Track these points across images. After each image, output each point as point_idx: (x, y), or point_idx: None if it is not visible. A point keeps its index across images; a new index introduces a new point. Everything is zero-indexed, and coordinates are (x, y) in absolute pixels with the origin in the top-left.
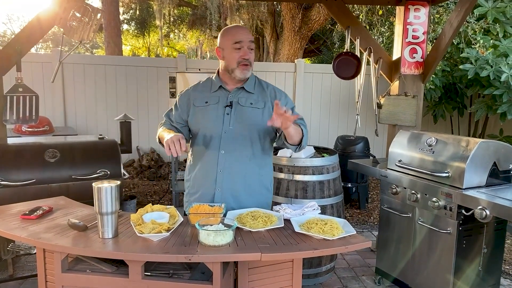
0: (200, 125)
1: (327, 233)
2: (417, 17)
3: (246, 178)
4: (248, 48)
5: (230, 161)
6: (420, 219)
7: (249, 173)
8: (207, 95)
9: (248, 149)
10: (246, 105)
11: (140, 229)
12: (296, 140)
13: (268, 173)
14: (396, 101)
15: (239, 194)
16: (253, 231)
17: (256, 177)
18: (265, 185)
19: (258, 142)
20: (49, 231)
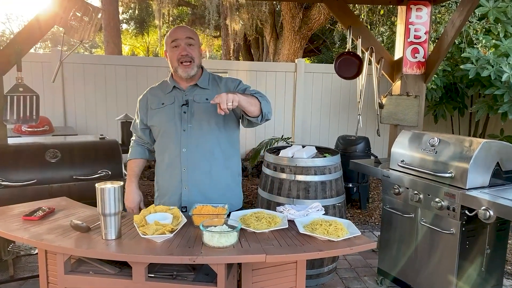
0: (159, 127)
1: (332, 234)
2: (419, 16)
3: (212, 173)
4: (186, 44)
5: (193, 158)
6: (422, 220)
7: (214, 167)
8: (162, 97)
9: (211, 143)
10: (202, 101)
11: (144, 230)
12: (254, 110)
13: (236, 162)
14: (398, 101)
15: (206, 190)
16: (257, 232)
17: (222, 170)
18: (233, 174)
19: (222, 133)
20: (51, 232)
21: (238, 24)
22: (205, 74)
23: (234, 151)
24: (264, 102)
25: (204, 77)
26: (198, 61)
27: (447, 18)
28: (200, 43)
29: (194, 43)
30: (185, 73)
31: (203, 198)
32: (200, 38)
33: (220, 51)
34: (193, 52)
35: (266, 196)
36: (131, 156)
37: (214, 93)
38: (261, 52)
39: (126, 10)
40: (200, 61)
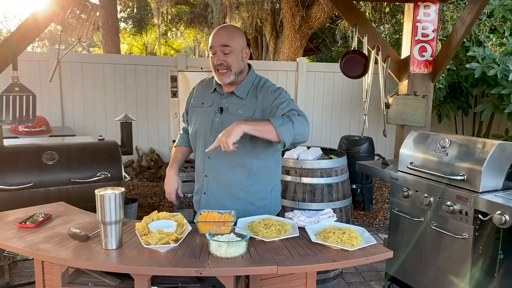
0: (194, 125)
1: (346, 243)
2: (427, 14)
3: (231, 187)
4: (222, 52)
5: (216, 167)
6: (433, 224)
7: (234, 182)
8: (204, 95)
9: (235, 159)
10: (235, 113)
11: (146, 239)
12: (270, 137)
13: (260, 185)
14: (405, 101)
15: (224, 201)
16: (267, 241)
17: (242, 187)
18: (254, 195)
19: (248, 151)
20: (48, 241)
21: (237, 23)
22: (247, 80)
23: (262, 173)
24: (284, 128)
25: (245, 85)
26: (237, 67)
27: (455, 16)
28: (242, 46)
29: (231, 50)
30: (220, 80)
31: (221, 208)
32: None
33: None
34: (229, 59)
35: None
36: (177, 143)
37: (250, 105)
38: (260, 51)
39: (124, 8)
40: (239, 67)
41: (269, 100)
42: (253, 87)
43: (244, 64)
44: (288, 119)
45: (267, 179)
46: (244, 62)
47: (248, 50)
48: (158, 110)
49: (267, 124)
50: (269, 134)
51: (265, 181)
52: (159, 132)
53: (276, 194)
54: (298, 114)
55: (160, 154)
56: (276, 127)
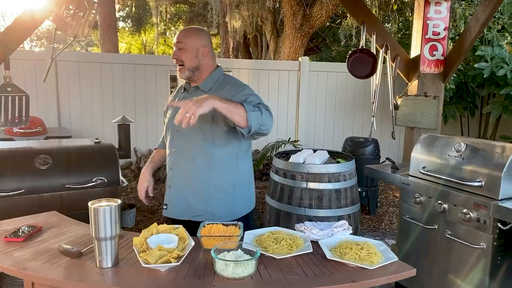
0: (166, 123)
1: (365, 261)
2: (438, 11)
3: (192, 179)
4: (177, 48)
5: (178, 160)
6: (447, 232)
7: (195, 174)
8: (178, 94)
9: (196, 149)
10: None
11: (145, 257)
12: (238, 120)
13: (220, 178)
14: (415, 102)
15: (187, 194)
16: (278, 258)
17: (202, 178)
18: (215, 188)
19: (209, 141)
20: (37, 258)
21: (237, 22)
22: (212, 77)
23: (226, 161)
24: (254, 114)
25: (209, 80)
26: (190, 64)
27: (468, 13)
28: (198, 44)
29: (183, 46)
30: (178, 76)
31: (185, 203)
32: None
33: (217, 49)
34: (182, 55)
35: (275, 205)
36: (157, 146)
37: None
38: (260, 51)
39: (122, 7)
40: (193, 64)
41: (235, 92)
42: (217, 82)
43: (201, 62)
44: (258, 108)
45: (228, 172)
46: (201, 60)
47: (208, 49)
48: (157, 111)
49: (240, 106)
50: (238, 117)
51: (227, 175)
52: (158, 134)
53: (241, 192)
54: (266, 108)
55: None
56: (247, 111)
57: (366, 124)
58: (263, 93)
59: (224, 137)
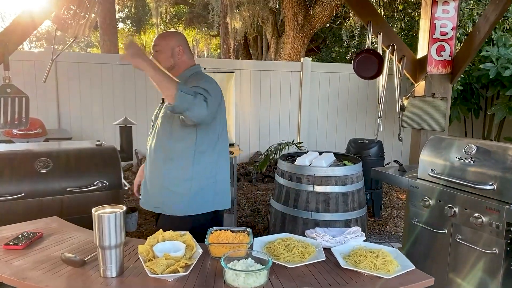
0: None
1: (381, 269)
2: (446, 11)
3: (152, 171)
4: (154, 51)
5: (148, 153)
6: (458, 236)
7: (154, 166)
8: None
9: (158, 142)
10: (164, 107)
11: (152, 266)
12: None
13: (176, 168)
14: (422, 103)
15: (148, 186)
16: (290, 266)
17: (159, 171)
18: (170, 181)
19: (166, 130)
20: (37, 267)
21: (238, 23)
22: (183, 74)
23: (183, 155)
24: (184, 95)
25: (180, 77)
26: (166, 63)
27: (475, 13)
28: (172, 44)
29: (159, 48)
30: None
31: (147, 194)
32: (198, 37)
33: (217, 51)
34: (159, 57)
35: (281, 209)
36: None
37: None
38: (260, 52)
39: (122, 8)
40: (169, 63)
41: (193, 83)
42: (189, 79)
43: (176, 61)
44: (194, 93)
45: (185, 166)
46: (176, 59)
47: (182, 48)
48: None
49: (173, 83)
50: (167, 91)
51: (183, 169)
52: None
53: (201, 187)
54: (204, 99)
55: None
56: (177, 89)
57: (369, 126)
58: (265, 94)
59: (181, 130)
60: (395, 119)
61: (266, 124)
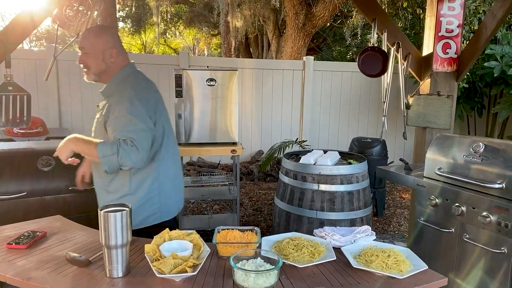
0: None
1: (393, 269)
2: (452, 8)
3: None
4: (82, 53)
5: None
6: (465, 236)
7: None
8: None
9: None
10: (101, 112)
11: (159, 266)
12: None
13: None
14: (427, 101)
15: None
16: (300, 266)
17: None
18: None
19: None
20: (42, 267)
21: (239, 21)
22: (113, 79)
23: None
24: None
25: (110, 84)
26: (96, 68)
27: (482, 10)
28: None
29: (87, 51)
30: (85, 79)
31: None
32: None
33: (217, 50)
34: (86, 60)
35: (285, 208)
36: None
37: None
38: (261, 50)
39: (122, 8)
40: (100, 68)
41: (115, 107)
42: (121, 84)
43: (108, 64)
44: (116, 148)
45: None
46: (108, 63)
47: (115, 50)
48: None
49: (93, 148)
50: (96, 160)
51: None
52: None
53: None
54: (132, 142)
55: None
56: (99, 158)
57: (371, 124)
58: (267, 93)
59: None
60: (398, 118)
61: (268, 123)
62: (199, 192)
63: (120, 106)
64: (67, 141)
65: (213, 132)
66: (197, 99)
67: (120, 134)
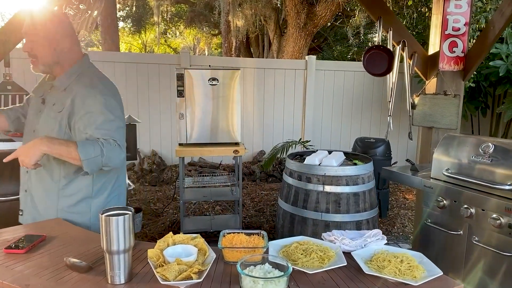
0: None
1: (407, 275)
2: (459, 6)
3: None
4: (27, 39)
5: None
6: (474, 238)
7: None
8: (43, 83)
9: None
10: (49, 105)
11: (163, 273)
12: (74, 163)
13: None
14: (433, 100)
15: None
16: (310, 272)
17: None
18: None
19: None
20: (41, 273)
21: (240, 21)
22: (71, 71)
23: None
24: (91, 161)
25: (67, 75)
26: (46, 59)
27: (489, 8)
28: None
29: (34, 38)
30: (32, 70)
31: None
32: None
33: (218, 50)
34: (33, 48)
35: (289, 209)
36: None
37: (64, 99)
38: (261, 50)
39: (123, 7)
40: (51, 59)
41: (83, 106)
42: (77, 77)
43: (59, 55)
44: (100, 149)
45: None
46: (60, 53)
47: (68, 40)
48: (160, 110)
49: (73, 151)
50: (73, 161)
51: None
52: (161, 134)
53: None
54: (115, 141)
55: (162, 156)
56: (82, 160)
57: (374, 125)
58: (269, 93)
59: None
60: (400, 118)
61: (269, 123)
62: (201, 193)
63: (92, 101)
64: (37, 144)
65: (215, 132)
66: (198, 99)
67: (100, 133)
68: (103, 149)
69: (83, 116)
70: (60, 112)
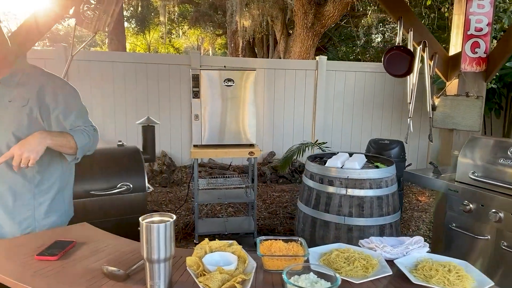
0: None
1: (456, 285)
2: (481, 6)
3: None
4: None
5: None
6: (503, 243)
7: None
8: None
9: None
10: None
11: (206, 282)
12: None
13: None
14: (454, 102)
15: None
16: (356, 282)
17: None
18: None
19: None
20: (77, 281)
21: (247, 21)
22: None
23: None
24: (84, 145)
25: (14, 74)
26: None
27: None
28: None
29: None
30: None
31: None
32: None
33: (221, 50)
34: None
35: (310, 213)
36: None
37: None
38: (266, 51)
39: (127, 8)
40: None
41: (56, 97)
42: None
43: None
44: (88, 137)
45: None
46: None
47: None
48: (171, 111)
49: (71, 140)
50: (70, 150)
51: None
52: (171, 134)
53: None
54: (94, 129)
55: (172, 157)
56: (78, 147)
57: (386, 126)
58: (279, 93)
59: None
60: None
61: (280, 124)
62: (214, 195)
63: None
64: (40, 138)
65: (230, 134)
66: (213, 100)
67: (81, 121)
68: (90, 135)
69: (61, 106)
70: (24, 106)
